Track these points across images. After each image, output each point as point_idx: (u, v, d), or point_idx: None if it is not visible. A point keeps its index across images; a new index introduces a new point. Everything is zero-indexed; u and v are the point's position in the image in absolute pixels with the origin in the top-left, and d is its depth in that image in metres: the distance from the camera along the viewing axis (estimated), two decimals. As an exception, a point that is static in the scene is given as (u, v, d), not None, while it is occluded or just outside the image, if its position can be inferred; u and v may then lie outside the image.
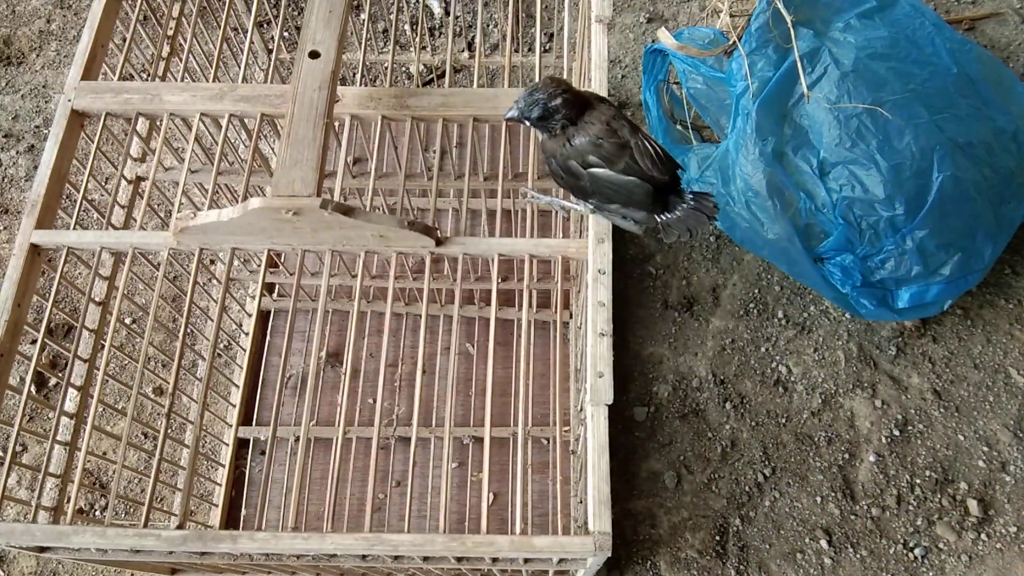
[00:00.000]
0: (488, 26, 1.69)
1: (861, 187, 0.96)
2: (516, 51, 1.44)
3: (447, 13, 1.70)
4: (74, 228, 0.86)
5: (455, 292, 1.07)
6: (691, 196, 0.75)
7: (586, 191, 0.77)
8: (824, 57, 0.87)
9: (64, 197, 0.88)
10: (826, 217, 1.07)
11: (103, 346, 0.86)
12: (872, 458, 1.27)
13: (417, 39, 1.31)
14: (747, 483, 1.27)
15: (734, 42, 0.80)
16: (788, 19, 0.69)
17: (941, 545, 1.22)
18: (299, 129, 0.76)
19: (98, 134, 0.89)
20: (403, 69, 1.58)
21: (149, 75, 1.01)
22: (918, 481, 1.25)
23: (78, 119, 0.89)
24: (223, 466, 1.25)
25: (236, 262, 1.29)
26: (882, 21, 0.93)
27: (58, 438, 0.83)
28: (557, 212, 1.19)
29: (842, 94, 0.88)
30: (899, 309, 1.19)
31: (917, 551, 1.21)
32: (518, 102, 0.74)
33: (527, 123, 0.75)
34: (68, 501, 0.80)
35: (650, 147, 0.74)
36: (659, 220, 0.76)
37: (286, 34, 1.46)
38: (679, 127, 1.23)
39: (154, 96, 0.89)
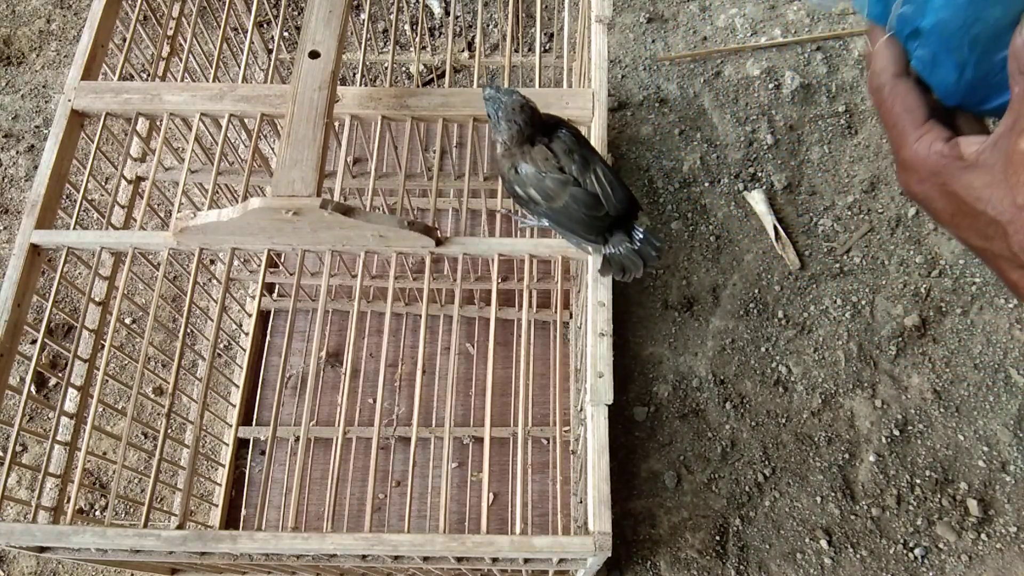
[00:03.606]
0: (488, 26, 1.69)
1: None
2: (516, 51, 1.44)
3: (447, 13, 1.70)
4: (74, 228, 0.86)
5: (455, 292, 1.07)
6: (640, 237, 0.75)
7: (538, 213, 0.77)
8: None
9: (64, 197, 0.87)
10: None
11: (103, 346, 0.86)
12: (872, 458, 1.27)
13: (417, 39, 1.30)
14: (747, 483, 1.27)
15: None
16: None
17: (941, 545, 1.21)
18: (299, 129, 0.76)
19: (98, 134, 0.89)
20: (403, 69, 1.58)
21: (149, 75, 1.01)
22: (918, 481, 1.25)
23: (78, 119, 0.89)
24: (223, 466, 1.25)
25: (236, 262, 1.29)
26: None
27: (58, 438, 0.83)
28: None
29: None
30: None
31: (917, 551, 1.21)
32: (500, 88, 0.74)
33: (488, 101, 0.74)
34: (68, 501, 0.80)
35: (604, 183, 0.73)
36: (607, 251, 0.76)
37: (286, 34, 1.46)
38: None
39: (154, 96, 0.89)
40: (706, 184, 1.49)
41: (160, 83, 0.97)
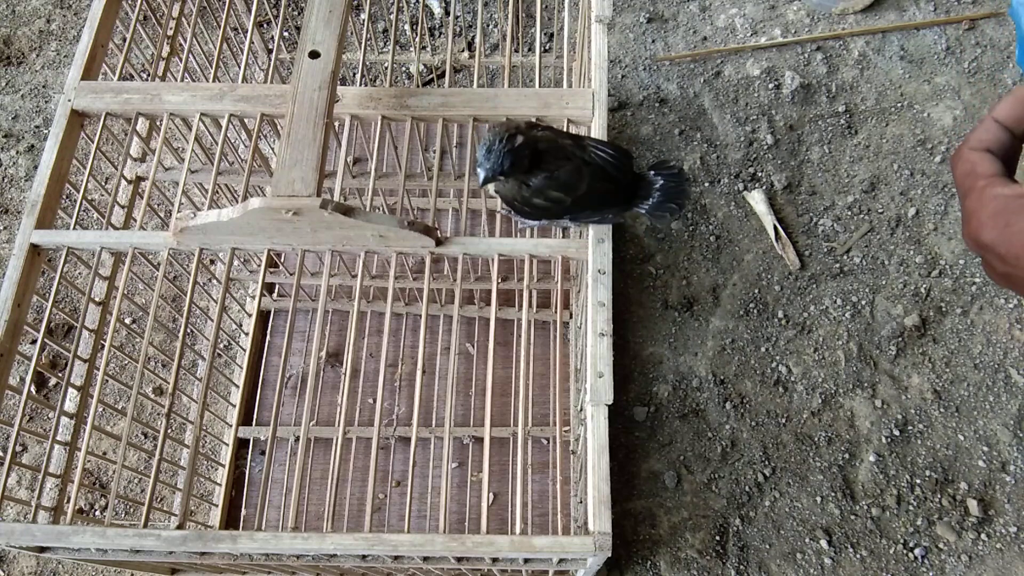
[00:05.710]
0: (488, 26, 1.69)
1: None
2: (516, 51, 1.44)
3: (447, 13, 1.70)
4: (74, 228, 0.86)
5: (455, 292, 1.07)
6: (660, 183, 0.75)
7: (558, 214, 0.77)
8: None
9: (64, 197, 0.88)
10: None
11: (103, 346, 0.86)
12: (872, 458, 1.27)
13: (417, 39, 1.30)
14: (747, 483, 1.27)
15: None
16: None
17: (941, 545, 1.22)
18: (299, 129, 0.76)
19: (98, 134, 0.89)
20: (403, 69, 1.58)
21: (149, 75, 1.01)
22: (918, 481, 1.25)
23: (78, 119, 0.89)
24: (223, 466, 1.25)
25: (236, 262, 1.29)
26: None
27: (58, 438, 0.83)
28: None
29: None
30: None
31: (917, 551, 1.21)
32: (481, 164, 0.70)
33: (503, 179, 0.71)
34: (68, 501, 0.80)
35: (602, 153, 0.74)
36: (642, 211, 0.76)
37: (286, 34, 1.46)
38: None
39: (154, 96, 0.89)
40: (706, 184, 1.49)
41: (160, 83, 0.97)
